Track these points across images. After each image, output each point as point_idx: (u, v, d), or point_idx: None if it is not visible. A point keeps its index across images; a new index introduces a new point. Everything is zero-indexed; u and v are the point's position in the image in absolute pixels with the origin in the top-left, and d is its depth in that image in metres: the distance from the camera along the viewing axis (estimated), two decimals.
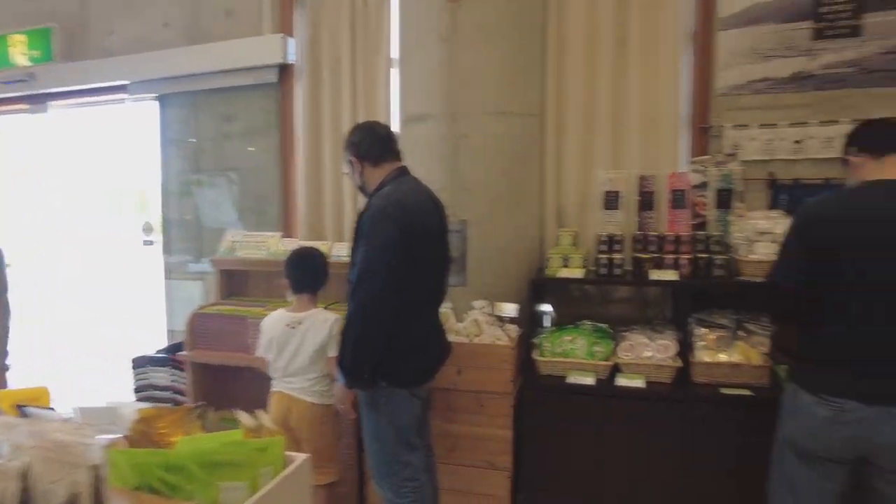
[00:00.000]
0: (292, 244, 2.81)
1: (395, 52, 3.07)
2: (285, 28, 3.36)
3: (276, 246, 2.91)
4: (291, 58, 3.34)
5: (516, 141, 2.72)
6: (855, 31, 2.55)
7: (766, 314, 2.34)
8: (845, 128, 2.52)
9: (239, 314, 2.76)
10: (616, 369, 2.40)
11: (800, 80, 2.61)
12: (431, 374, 2.04)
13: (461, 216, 2.62)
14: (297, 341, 2.28)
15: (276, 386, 2.32)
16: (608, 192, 2.72)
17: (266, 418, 1.25)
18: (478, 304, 2.56)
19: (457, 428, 2.39)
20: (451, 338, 2.30)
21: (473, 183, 2.65)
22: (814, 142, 2.60)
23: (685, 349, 2.40)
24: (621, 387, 2.32)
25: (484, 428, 2.37)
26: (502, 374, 2.33)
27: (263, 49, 3.34)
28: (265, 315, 2.43)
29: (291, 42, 3.33)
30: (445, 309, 2.44)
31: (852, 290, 1.59)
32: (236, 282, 3.13)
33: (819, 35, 2.59)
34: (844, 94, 2.57)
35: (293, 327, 2.29)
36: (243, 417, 1.24)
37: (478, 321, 2.47)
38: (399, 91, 2.93)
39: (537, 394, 2.40)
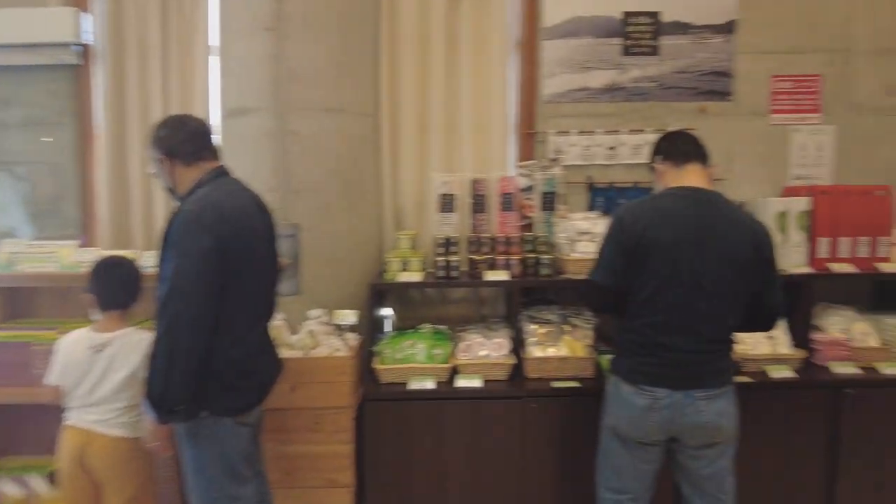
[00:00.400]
0: (91, 254, 2.42)
1: (214, 38, 2.79)
2: (79, 1, 2.88)
3: (69, 257, 2.47)
4: (88, 37, 2.88)
5: (350, 140, 2.61)
6: (654, 51, 2.84)
7: (588, 310, 2.51)
8: (650, 137, 2.81)
9: (21, 339, 2.31)
10: (455, 371, 2.42)
11: (612, 91, 2.85)
12: (262, 397, 1.86)
13: (292, 219, 2.45)
14: (102, 366, 1.95)
15: (71, 419, 1.97)
16: (443, 195, 2.74)
17: (39, 483, 1.01)
18: (313, 313, 2.42)
19: (293, 449, 2.23)
20: (284, 353, 2.14)
21: (305, 183, 2.49)
22: (625, 148, 2.85)
23: (519, 346, 2.50)
24: (460, 388, 2.34)
25: (323, 445, 2.24)
26: (341, 387, 2.22)
27: (50, 24, 2.83)
28: (56, 340, 2.05)
29: (88, 18, 2.87)
30: (278, 322, 2.26)
31: (659, 288, 1.74)
32: (19, 301, 2.63)
33: (627, 51, 2.84)
34: (648, 106, 2.85)
35: (98, 350, 1.96)
36: (6, 487, 0.99)
37: (314, 332, 2.33)
38: (220, 82, 2.66)
39: (378, 403, 2.33)
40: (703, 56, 2.84)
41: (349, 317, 2.42)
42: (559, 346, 2.45)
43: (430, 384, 2.35)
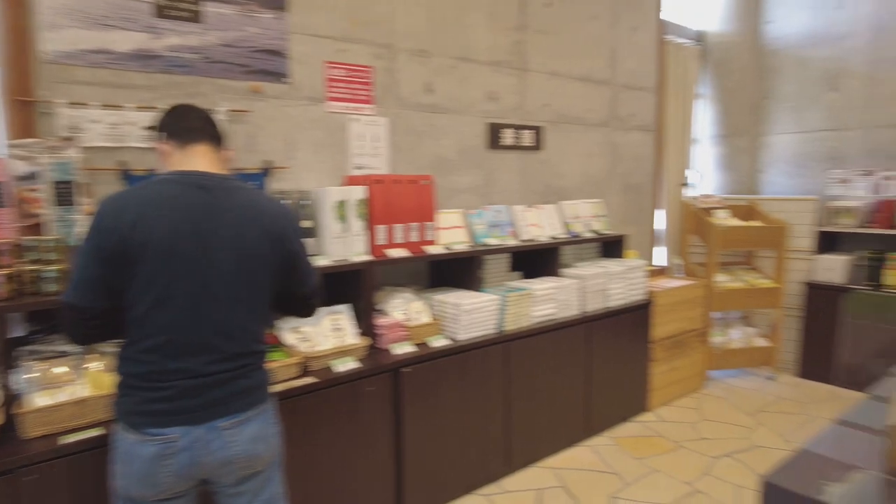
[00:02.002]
0: None
1: None
2: None
3: None
4: None
5: None
6: (196, 17, 2.44)
7: (70, 342, 1.86)
8: None
9: None
10: None
11: (144, 59, 2.33)
12: None
13: None
14: None
15: None
16: None
17: None
18: None
19: None
20: None
21: None
22: None
23: (15, 397, 1.80)
24: None
25: None
26: None
27: None
28: None
29: None
30: None
31: (159, 300, 1.36)
32: None
33: (161, 13, 2.36)
34: (192, 81, 2.44)
35: None
36: None
37: None
38: None
39: None
40: (254, 31, 2.58)
41: None
42: (79, 386, 1.86)
43: None
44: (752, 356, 4.49)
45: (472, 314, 2.74)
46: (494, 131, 3.49)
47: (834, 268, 4.36)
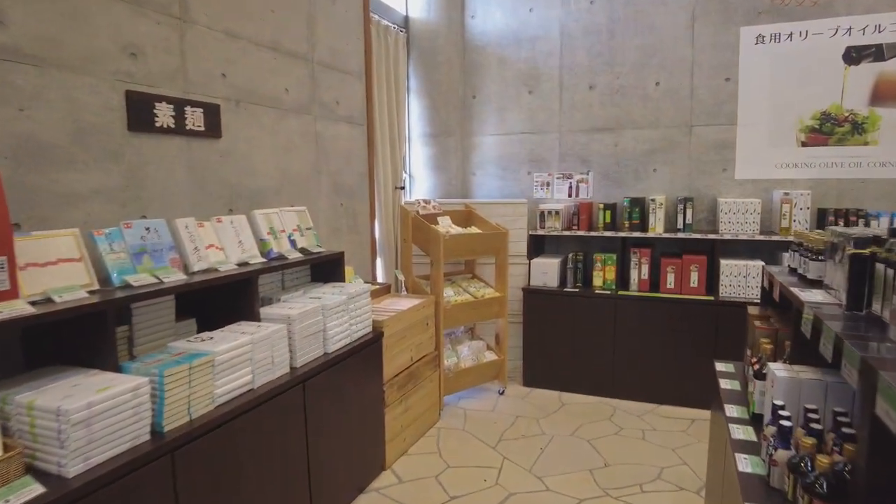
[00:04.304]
0: None
1: None
2: None
3: None
4: None
5: None
6: None
7: None
8: None
9: None
10: None
11: None
12: None
13: None
14: None
15: None
16: None
17: None
18: None
19: None
20: None
21: None
22: None
23: None
24: None
25: None
26: None
27: None
28: None
29: None
30: None
31: None
32: None
33: None
34: None
35: None
36: None
37: None
38: None
39: None
40: None
41: None
42: None
43: None
44: (483, 372, 4.14)
45: (94, 423, 1.51)
46: (141, 105, 2.24)
47: (548, 272, 4.29)
